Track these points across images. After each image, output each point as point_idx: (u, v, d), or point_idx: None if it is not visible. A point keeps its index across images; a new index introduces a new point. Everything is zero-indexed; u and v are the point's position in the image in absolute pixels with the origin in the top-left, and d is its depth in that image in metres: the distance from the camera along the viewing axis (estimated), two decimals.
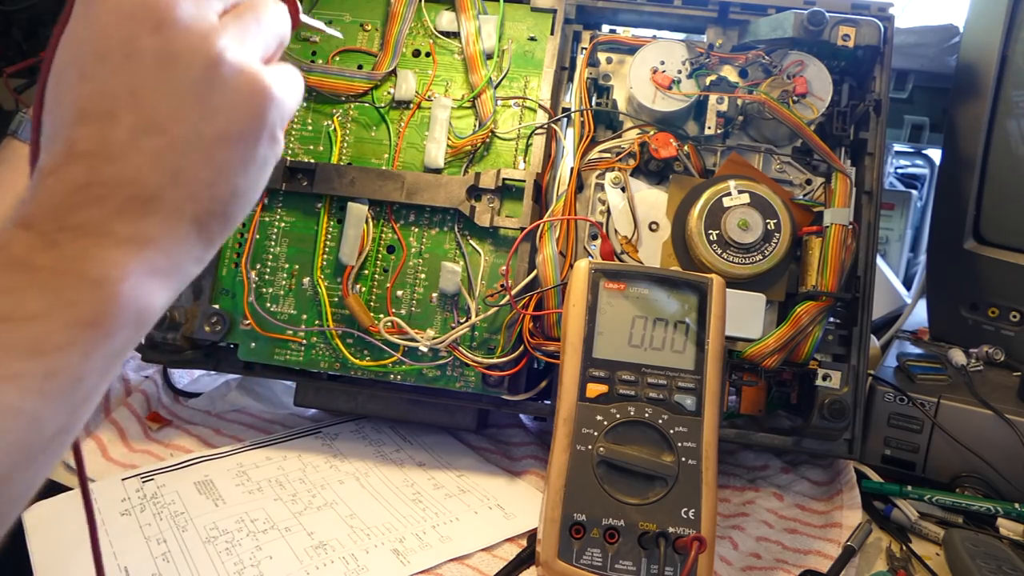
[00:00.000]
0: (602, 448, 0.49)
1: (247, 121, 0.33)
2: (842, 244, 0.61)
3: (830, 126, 0.66)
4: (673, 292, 0.53)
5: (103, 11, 0.31)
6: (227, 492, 0.61)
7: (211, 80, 0.32)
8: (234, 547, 0.54)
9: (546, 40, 0.69)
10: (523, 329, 0.62)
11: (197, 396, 0.76)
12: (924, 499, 0.63)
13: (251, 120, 0.33)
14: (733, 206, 0.62)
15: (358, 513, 0.59)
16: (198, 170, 0.32)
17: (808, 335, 0.61)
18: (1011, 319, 0.77)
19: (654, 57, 0.67)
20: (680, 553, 0.47)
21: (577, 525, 0.48)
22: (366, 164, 0.68)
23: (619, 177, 0.66)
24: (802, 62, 0.65)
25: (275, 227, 0.68)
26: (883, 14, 0.66)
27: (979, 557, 0.55)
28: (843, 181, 0.64)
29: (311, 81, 0.68)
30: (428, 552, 0.55)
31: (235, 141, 0.33)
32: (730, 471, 0.68)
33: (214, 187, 0.32)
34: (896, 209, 1.06)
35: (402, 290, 0.66)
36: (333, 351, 0.65)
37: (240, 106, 0.32)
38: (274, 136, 0.34)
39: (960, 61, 0.79)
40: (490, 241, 0.66)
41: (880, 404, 0.67)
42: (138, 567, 0.52)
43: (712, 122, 0.66)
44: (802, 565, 0.57)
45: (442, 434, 0.72)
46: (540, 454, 0.69)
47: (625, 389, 0.51)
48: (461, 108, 0.68)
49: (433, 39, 0.70)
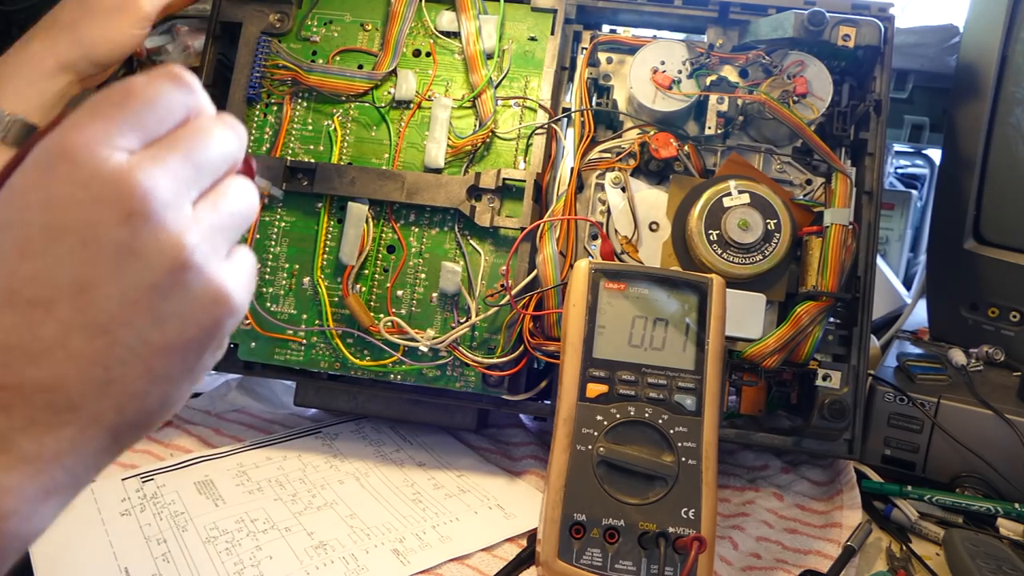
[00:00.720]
0: (602, 448, 0.49)
1: (200, 331, 0.29)
2: (842, 244, 0.61)
3: (830, 126, 0.66)
4: (673, 292, 0.53)
5: (68, 182, 0.26)
6: (227, 492, 0.61)
7: (172, 284, 0.28)
8: (234, 547, 0.54)
9: (546, 40, 0.69)
10: (523, 329, 0.62)
11: (197, 396, 0.76)
12: (924, 499, 0.63)
13: (205, 330, 0.29)
14: (733, 206, 0.62)
15: (358, 513, 0.59)
16: (133, 380, 0.28)
17: (808, 335, 0.61)
18: (1011, 319, 0.77)
19: (654, 57, 0.67)
20: (680, 553, 0.47)
21: (577, 525, 0.48)
22: (366, 164, 0.68)
23: (619, 177, 0.66)
24: (802, 62, 0.65)
25: (275, 227, 0.68)
26: (883, 14, 0.66)
27: (979, 557, 0.55)
28: (843, 181, 0.64)
29: (311, 81, 0.68)
30: (428, 552, 0.55)
31: (182, 351, 0.29)
32: (730, 471, 0.68)
33: (144, 398, 0.28)
34: (896, 209, 1.06)
35: (402, 290, 0.66)
36: (333, 351, 0.65)
37: (196, 315, 0.29)
38: (222, 343, 0.31)
39: (960, 61, 0.78)
40: (490, 241, 0.66)
41: (880, 404, 0.67)
42: (138, 567, 0.52)
43: (712, 122, 0.66)
44: (802, 565, 0.57)
45: (442, 434, 0.72)
46: (540, 454, 0.69)
47: (625, 389, 0.51)
48: (461, 108, 0.68)
49: (433, 39, 0.70)
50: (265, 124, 0.70)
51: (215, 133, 0.30)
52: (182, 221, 0.28)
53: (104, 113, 0.28)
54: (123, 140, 0.28)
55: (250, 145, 0.69)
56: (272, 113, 0.70)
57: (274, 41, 0.70)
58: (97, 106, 0.28)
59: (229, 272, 0.30)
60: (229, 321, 0.30)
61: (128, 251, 0.27)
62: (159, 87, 0.29)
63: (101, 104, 0.28)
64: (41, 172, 0.27)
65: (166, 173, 0.28)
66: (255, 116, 0.70)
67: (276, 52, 0.69)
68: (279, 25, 0.70)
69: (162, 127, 0.29)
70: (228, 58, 0.72)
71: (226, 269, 0.30)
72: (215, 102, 0.32)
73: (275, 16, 0.70)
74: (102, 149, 0.27)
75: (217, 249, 0.30)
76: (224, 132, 0.31)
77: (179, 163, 0.28)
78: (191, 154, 0.29)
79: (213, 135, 0.30)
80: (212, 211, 0.30)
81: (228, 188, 0.31)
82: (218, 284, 0.29)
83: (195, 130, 0.30)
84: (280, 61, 0.69)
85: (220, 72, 0.72)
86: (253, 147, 0.69)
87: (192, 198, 0.29)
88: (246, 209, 0.32)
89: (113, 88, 0.28)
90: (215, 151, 0.30)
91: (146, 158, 0.28)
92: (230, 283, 0.30)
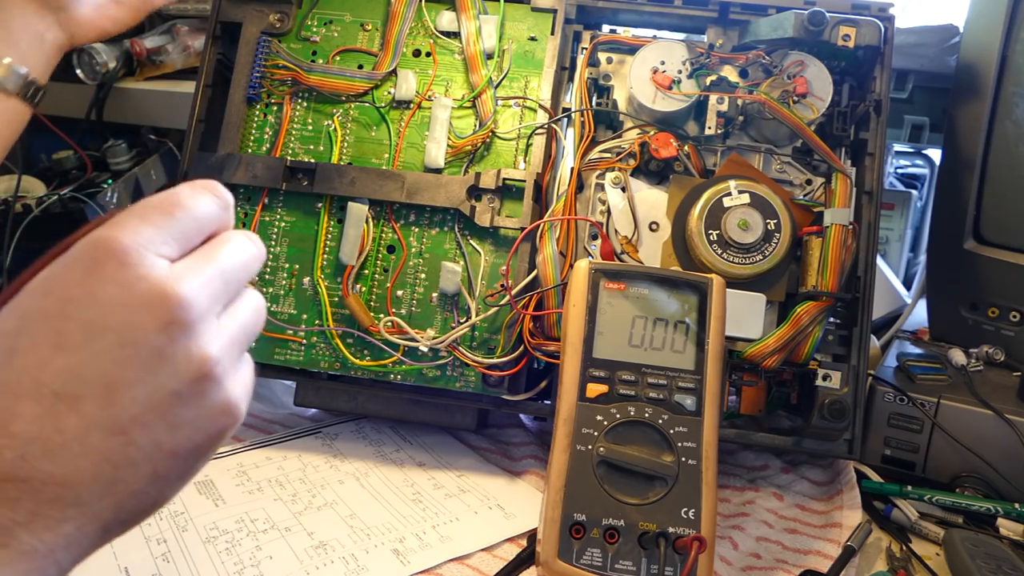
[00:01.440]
0: (602, 448, 0.49)
1: (207, 439, 0.30)
2: (842, 244, 0.61)
3: (830, 126, 0.66)
4: (673, 292, 0.53)
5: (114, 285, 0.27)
6: (227, 492, 0.61)
7: (192, 393, 0.29)
8: (234, 547, 0.54)
9: (546, 40, 0.69)
10: (523, 329, 0.62)
11: None
12: (924, 499, 0.63)
13: (211, 438, 0.30)
14: (733, 206, 0.62)
15: (358, 513, 0.59)
16: (137, 480, 0.28)
17: (808, 335, 0.61)
18: (1011, 319, 0.77)
19: (654, 57, 0.67)
20: (680, 553, 0.47)
21: (577, 525, 0.48)
22: (366, 164, 0.68)
23: (619, 177, 0.66)
24: (802, 62, 0.65)
25: (275, 227, 0.68)
26: (883, 14, 0.66)
27: (979, 557, 0.55)
28: (843, 181, 0.64)
29: (311, 81, 0.68)
30: (428, 552, 0.55)
31: (185, 456, 0.30)
32: (730, 471, 0.68)
33: (142, 497, 0.29)
34: (896, 209, 1.06)
35: (402, 290, 0.66)
36: (333, 351, 0.65)
37: (206, 423, 0.30)
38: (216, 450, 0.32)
39: (960, 61, 0.78)
40: (490, 241, 0.66)
41: (880, 404, 0.67)
42: (138, 567, 0.52)
43: (712, 122, 0.66)
44: (802, 565, 0.57)
45: (442, 434, 0.72)
46: (540, 454, 0.69)
47: (625, 389, 0.51)
48: (461, 108, 0.68)
49: (433, 39, 0.70)
50: (265, 124, 0.70)
51: (244, 250, 0.32)
52: (212, 333, 0.29)
53: (151, 219, 0.29)
54: (166, 247, 0.29)
55: (250, 145, 0.69)
56: (272, 113, 0.70)
57: (274, 41, 0.70)
58: (145, 211, 0.29)
59: (239, 384, 0.31)
60: (231, 431, 0.31)
61: (161, 357, 0.28)
62: (202, 200, 0.31)
63: (149, 210, 0.29)
64: (87, 267, 0.28)
65: (204, 286, 0.29)
66: (255, 116, 0.70)
67: (276, 52, 0.69)
68: (279, 25, 0.70)
69: (199, 237, 0.31)
70: (228, 58, 0.72)
71: (237, 382, 0.31)
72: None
73: (275, 16, 0.70)
74: (148, 254, 0.28)
75: (233, 361, 0.31)
76: (251, 249, 0.33)
77: (215, 277, 0.30)
78: (225, 270, 0.31)
79: (243, 252, 0.32)
80: (233, 324, 0.31)
81: (246, 302, 0.33)
82: (230, 396, 0.30)
83: (229, 245, 0.32)
84: (280, 61, 0.69)
85: (220, 72, 0.72)
86: (253, 147, 0.69)
87: (218, 311, 0.31)
88: (259, 323, 0.34)
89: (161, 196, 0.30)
90: (243, 268, 0.32)
91: (188, 270, 0.29)
92: (238, 397, 0.31)
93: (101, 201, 0.91)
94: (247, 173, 0.67)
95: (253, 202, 0.68)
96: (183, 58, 1.01)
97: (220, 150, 0.68)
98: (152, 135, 1.03)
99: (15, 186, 0.92)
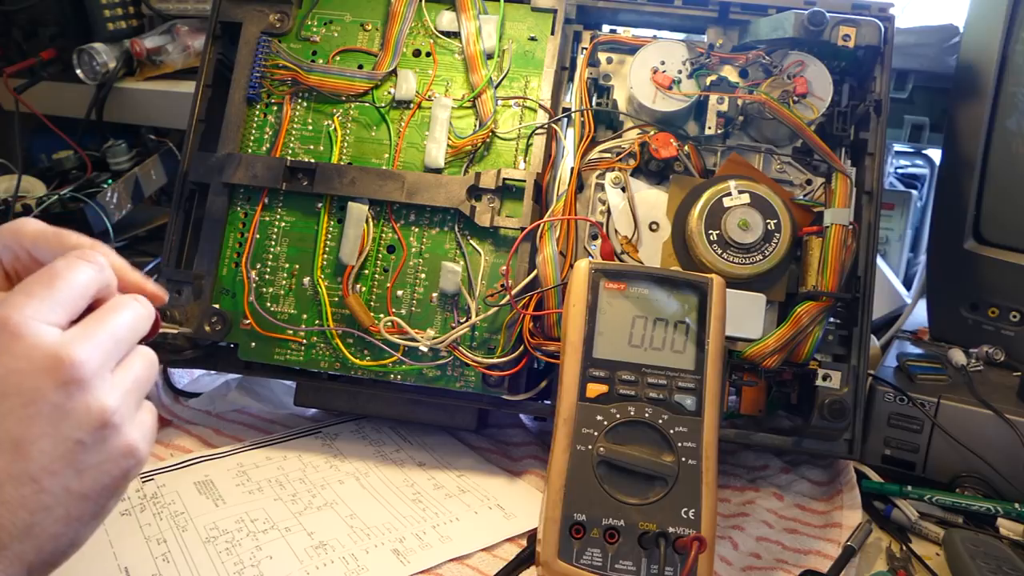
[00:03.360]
0: (602, 448, 0.49)
1: (112, 480, 0.34)
2: (842, 244, 0.61)
3: (830, 126, 0.66)
4: (673, 292, 0.53)
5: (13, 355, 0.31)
6: (227, 492, 0.61)
7: (95, 441, 0.33)
8: (234, 547, 0.54)
9: (546, 40, 0.69)
10: (523, 329, 0.62)
11: (197, 396, 0.76)
12: (924, 499, 0.63)
13: (116, 481, 0.34)
14: (733, 206, 0.62)
15: (358, 513, 0.59)
16: (52, 523, 0.32)
17: (808, 335, 0.61)
18: (1011, 319, 0.77)
19: (654, 57, 0.67)
20: (680, 553, 0.47)
21: (577, 525, 0.48)
22: (366, 164, 0.68)
23: (619, 177, 0.66)
24: (802, 62, 0.65)
25: (275, 227, 0.68)
26: (883, 14, 0.66)
27: (979, 557, 0.55)
28: (843, 181, 0.64)
29: (311, 81, 0.68)
30: (428, 552, 0.55)
31: (95, 497, 0.34)
32: (730, 471, 0.68)
33: (60, 539, 0.33)
34: (896, 209, 1.06)
35: (402, 290, 0.66)
36: (333, 351, 0.65)
37: (110, 467, 0.34)
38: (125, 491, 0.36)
39: (960, 61, 0.79)
40: (490, 241, 0.66)
41: (880, 404, 0.67)
42: (138, 567, 0.52)
43: (712, 122, 0.66)
44: (802, 565, 0.57)
45: (442, 434, 0.72)
46: (540, 454, 0.69)
47: (625, 389, 0.51)
48: (461, 108, 0.68)
49: (433, 39, 0.70)
50: (265, 124, 0.70)
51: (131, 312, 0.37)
52: (106, 387, 0.34)
53: (35, 293, 0.33)
54: (53, 315, 0.33)
55: (250, 145, 0.69)
56: (272, 113, 0.70)
57: (274, 41, 0.70)
58: (29, 287, 0.34)
59: (138, 429, 0.35)
60: (135, 471, 0.35)
61: (62, 412, 0.32)
62: (78, 269, 0.35)
63: (32, 286, 0.34)
64: None
65: (96, 347, 0.34)
66: (255, 116, 0.70)
67: (276, 52, 0.69)
68: (279, 25, 0.70)
69: (84, 301, 0.35)
70: (228, 58, 0.72)
71: (136, 427, 0.35)
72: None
73: (275, 16, 0.70)
74: (37, 324, 0.32)
75: (131, 409, 0.35)
76: (138, 310, 0.38)
77: (105, 338, 0.34)
78: (113, 331, 0.35)
79: (130, 314, 0.37)
80: (127, 376, 0.35)
81: (137, 357, 0.37)
82: (130, 440, 0.34)
83: (117, 310, 0.36)
84: (280, 61, 0.69)
85: (220, 72, 0.72)
86: (253, 147, 0.69)
87: (112, 367, 0.35)
88: (151, 374, 0.38)
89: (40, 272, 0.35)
90: (130, 328, 0.37)
91: (79, 335, 0.33)
92: (139, 441, 0.35)
93: (101, 201, 0.91)
94: (247, 173, 0.67)
95: (253, 202, 0.68)
96: (183, 58, 1.01)
97: (220, 150, 0.69)
98: (152, 135, 1.04)
99: (15, 186, 0.92)
